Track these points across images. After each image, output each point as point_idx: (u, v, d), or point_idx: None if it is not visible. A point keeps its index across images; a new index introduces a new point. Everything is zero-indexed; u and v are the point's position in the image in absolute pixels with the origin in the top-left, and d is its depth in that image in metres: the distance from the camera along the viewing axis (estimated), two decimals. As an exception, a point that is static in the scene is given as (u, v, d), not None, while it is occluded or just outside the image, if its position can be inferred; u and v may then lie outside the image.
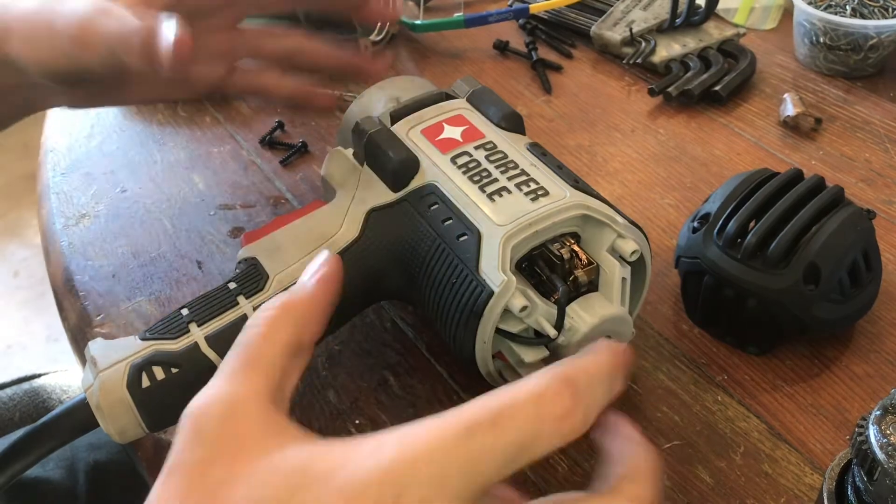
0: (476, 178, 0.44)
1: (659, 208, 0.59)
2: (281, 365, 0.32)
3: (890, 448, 0.30)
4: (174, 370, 0.40)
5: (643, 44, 0.73)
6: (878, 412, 0.31)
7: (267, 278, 0.43)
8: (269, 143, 0.66)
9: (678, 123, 0.67)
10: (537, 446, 0.27)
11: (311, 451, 0.28)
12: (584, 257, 0.42)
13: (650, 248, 0.45)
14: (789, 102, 0.66)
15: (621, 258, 0.42)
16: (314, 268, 0.36)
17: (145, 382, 0.40)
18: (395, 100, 0.51)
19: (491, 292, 0.39)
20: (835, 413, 0.46)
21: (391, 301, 0.52)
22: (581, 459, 0.44)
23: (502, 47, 0.76)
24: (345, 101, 0.69)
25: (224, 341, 0.41)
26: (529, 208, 0.42)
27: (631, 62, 0.72)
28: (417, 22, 0.76)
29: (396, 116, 0.48)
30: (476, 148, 0.46)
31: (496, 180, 0.44)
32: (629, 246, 0.42)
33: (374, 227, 0.45)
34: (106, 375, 0.40)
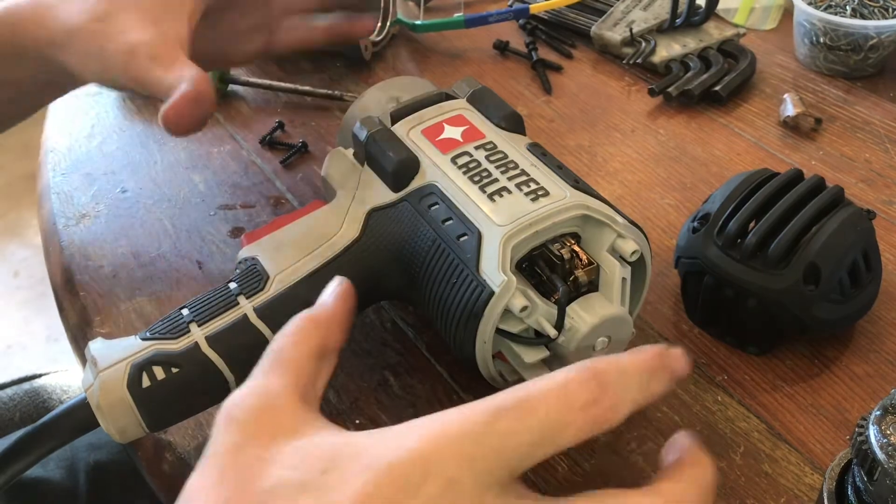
0: (476, 179, 0.44)
1: (659, 208, 0.59)
2: (309, 366, 0.34)
3: (890, 448, 0.30)
4: (175, 370, 0.40)
5: (643, 44, 0.73)
6: (878, 412, 0.31)
7: (267, 278, 0.43)
8: (270, 144, 0.66)
9: (678, 123, 0.67)
10: (564, 434, 0.28)
11: (343, 437, 0.29)
12: (585, 257, 0.42)
13: (650, 249, 0.45)
14: (789, 102, 0.66)
15: (621, 258, 0.42)
16: (331, 288, 0.38)
17: (146, 382, 0.40)
18: (396, 100, 0.51)
19: (491, 292, 0.40)
20: (835, 413, 0.46)
21: (391, 301, 0.52)
22: (581, 459, 0.44)
23: (502, 47, 0.76)
24: (345, 102, 0.69)
25: (224, 341, 0.41)
26: (530, 208, 0.42)
27: (631, 62, 0.72)
28: (417, 22, 0.76)
29: (397, 117, 0.48)
30: (476, 148, 0.46)
31: (496, 180, 0.44)
32: (629, 246, 0.42)
33: (375, 228, 0.45)
34: (106, 375, 0.40)
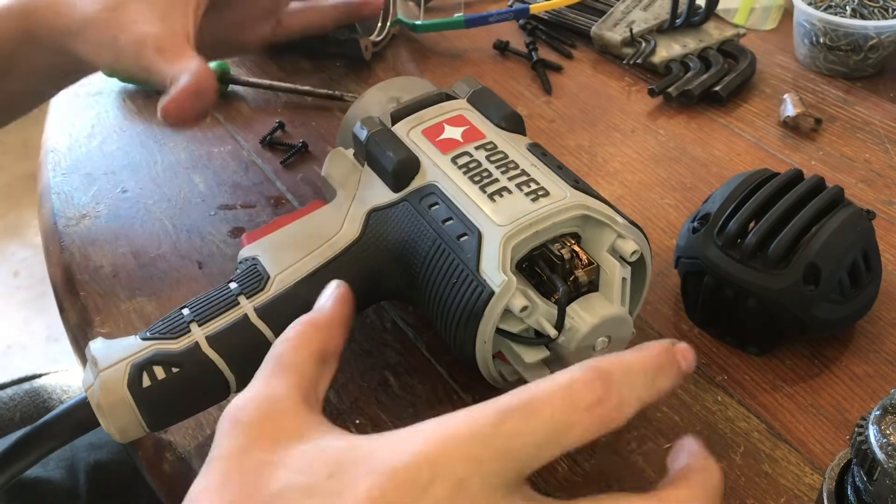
0: (477, 179, 0.44)
1: (659, 208, 0.59)
2: (311, 369, 0.34)
3: (889, 448, 0.30)
4: (175, 370, 0.40)
5: (643, 44, 0.73)
6: (878, 412, 0.31)
7: (268, 278, 0.43)
8: (270, 144, 0.66)
9: (678, 124, 0.67)
10: (570, 435, 0.28)
11: (349, 440, 0.29)
12: (585, 257, 0.42)
13: (650, 249, 0.45)
14: (789, 103, 0.66)
15: (621, 258, 0.42)
16: (328, 292, 0.38)
17: (146, 382, 0.40)
18: (396, 100, 0.51)
19: (491, 292, 0.40)
20: (835, 413, 0.46)
21: (391, 301, 0.52)
22: (581, 459, 0.44)
23: (502, 48, 0.76)
24: (345, 102, 0.69)
25: (225, 341, 0.41)
26: (530, 208, 0.42)
27: (631, 62, 0.73)
28: (418, 22, 0.76)
29: (397, 117, 0.48)
30: (476, 148, 0.46)
31: (497, 180, 0.44)
32: (629, 246, 0.42)
33: (375, 228, 0.45)
34: (107, 375, 0.40)
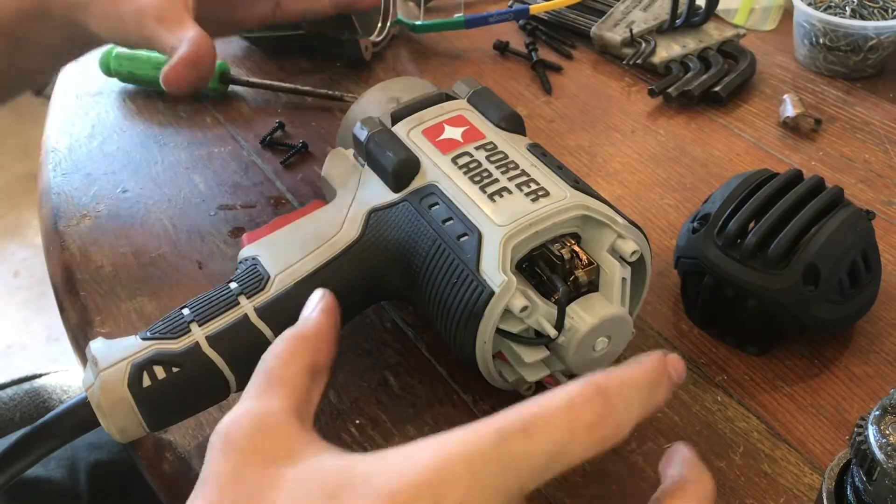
0: (477, 179, 0.44)
1: (659, 209, 0.59)
2: (302, 384, 0.33)
3: (889, 448, 0.30)
4: (175, 370, 0.40)
5: (643, 44, 0.73)
6: (878, 412, 0.31)
7: (268, 278, 0.43)
8: (270, 144, 0.66)
9: (678, 124, 0.67)
10: (571, 453, 0.27)
11: (347, 460, 0.29)
12: (585, 257, 0.42)
13: (650, 249, 0.45)
14: (789, 103, 0.66)
15: (621, 258, 0.42)
16: (313, 303, 0.37)
17: (146, 382, 0.40)
18: (396, 100, 0.51)
19: (491, 292, 0.40)
20: (834, 413, 0.46)
21: (391, 301, 0.52)
22: (581, 459, 0.44)
23: (502, 48, 0.76)
24: (345, 102, 0.69)
25: (225, 341, 0.41)
26: (530, 209, 0.42)
27: (631, 63, 0.73)
28: (418, 23, 0.76)
29: (397, 117, 0.48)
30: (477, 148, 0.46)
31: (497, 181, 0.44)
32: (629, 246, 0.42)
33: (375, 228, 0.45)
34: (107, 375, 0.40)
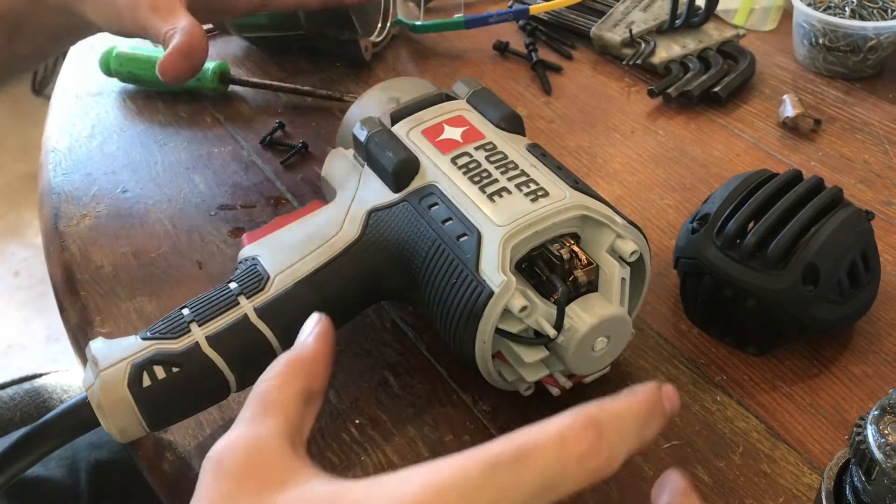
0: (476, 179, 0.44)
1: (658, 209, 0.59)
2: (296, 409, 0.33)
3: (888, 448, 0.30)
4: (175, 370, 0.40)
5: (643, 45, 0.73)
6: (877, 412, 0.31)
7: (267, 278, 0.43)
8: (270, 144, 0.66)
9: (678, 124, 0.67)
10: (563, 484, 0.27)
11: (338, 486, 0.29)
12: (584, 258, 0.42)
13: (649, 249, 0.45)
14: (788, 103, 0.66)
15: (621, 259, 0.42)
16: (309, 327, 0.37)
17: (146, 382, 0.40)
18: (396, 101, 0.51)
19: (491, 292, 0.40)
20: (833, 413, 0.46)
21: (391, 301, 0.52)
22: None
23: (502, 48, 0.76)
24: (345, 102, 0.69)
25: (225, 341, 0.41)
26: (529, 209, 0.42)
27: (631, 63, 0.73)
28: (418, 23, 0.76)
29: (397, 117, 0.48)
30: (476, 149, 0.46)
31: (496, 181, 0.44)
32: (628, 246, 0.42)
33: (375, 228, 0.45)
34: (107, 374, 0.40)
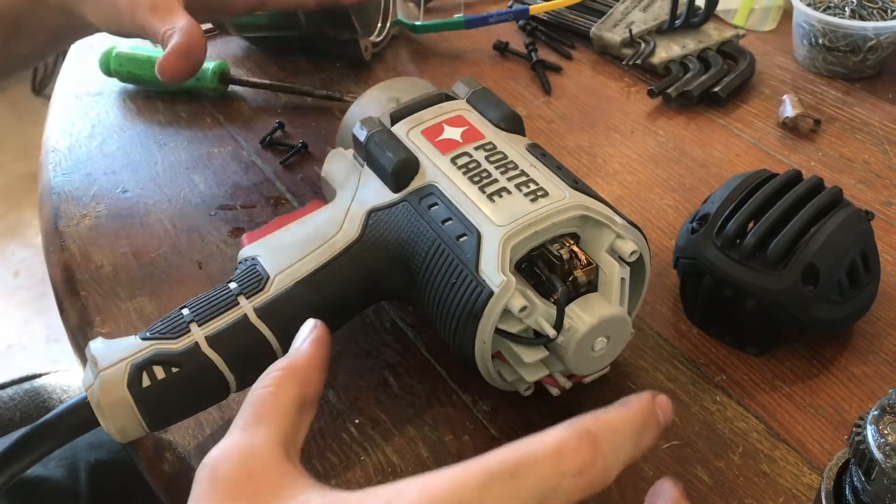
0: (476, 179, 0.44)
1: (658, 209, 0.59)
2: (291, 417, 0.33)
3: (888, 448, 0.30)
4: (175, 370, 0.40)
5: (643, 45, 0.73)
6: (876, 412, 0.31)
7: (267, 278, 0.43)
8: (270, 144, 0.66)
9: (677, 124, 0.67)
10: (557, 497, 0.27)
11: (334, 497, 0.29)
12: (584, 258, 0.42)
13: (649, 249, 0.45)
14: (788, 104, 0.66)
15: (620, 259, 0.42)
16: (305, 333, 0.37)
17: (146, 382, 0.40)
18: (395, 101, 0.51)
19: (490, 292, 0.40)
20: (833, 413, 0.46)
21: (391, 301, 0.52)
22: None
23: (502, 48, 0.76)
24: (345, 102, 0.69)
25: (224, 341, 0.41)
26: (529, 209, 0.42)
27: (630, 63, 0.73)
28: (417, 23, 0.76)
29: (396, 117, 0.48)
30: (476, 149, 0.46)
31: (496, 181, 0.44)
32: (628, 246, 0.42)
33: (375, 228, 0.45)
34: (107, 374, 0.40)
